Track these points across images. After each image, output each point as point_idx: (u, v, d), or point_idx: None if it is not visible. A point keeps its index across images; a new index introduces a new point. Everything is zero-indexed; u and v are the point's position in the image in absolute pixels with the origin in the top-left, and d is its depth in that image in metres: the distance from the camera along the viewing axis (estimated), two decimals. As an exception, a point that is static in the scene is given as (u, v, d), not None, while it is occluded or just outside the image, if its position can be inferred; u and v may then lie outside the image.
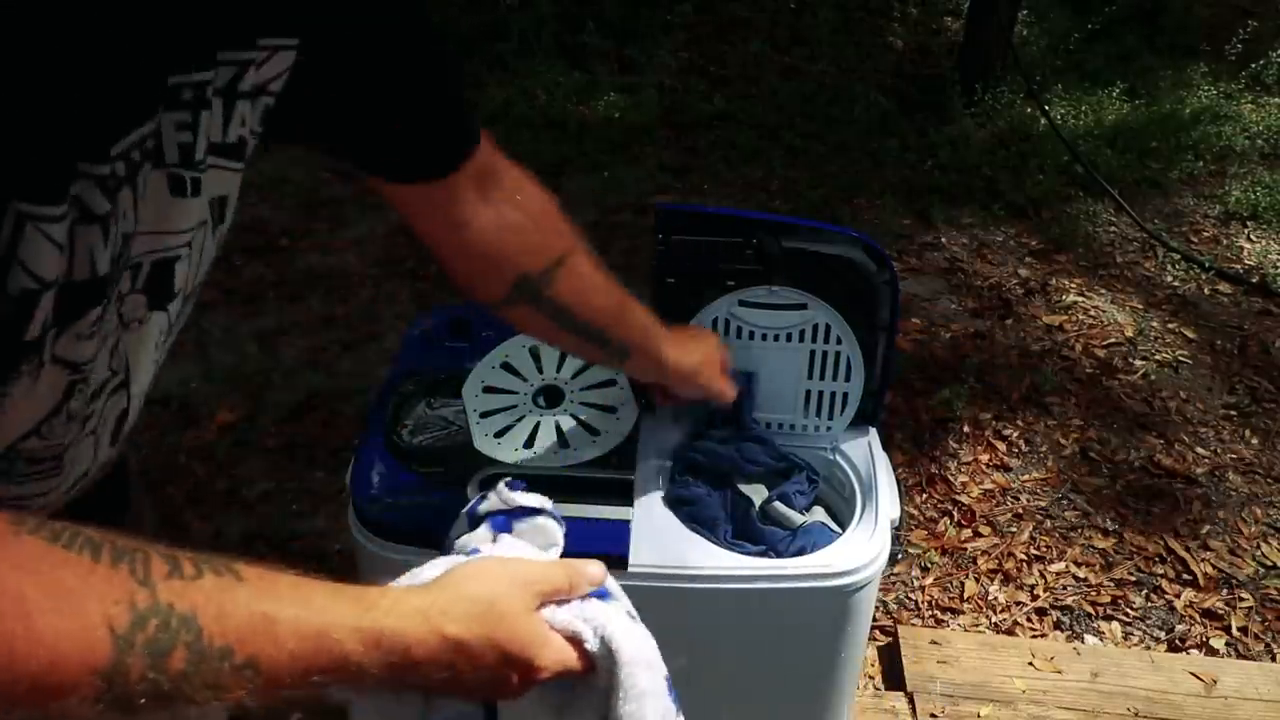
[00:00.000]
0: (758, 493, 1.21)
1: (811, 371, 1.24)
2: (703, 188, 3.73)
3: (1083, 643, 2.03)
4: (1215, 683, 1.87)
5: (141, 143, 0.53)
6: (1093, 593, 2.16)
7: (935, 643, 1.93)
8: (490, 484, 0.83)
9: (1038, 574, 2.20)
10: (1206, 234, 3.63)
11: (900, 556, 2.20)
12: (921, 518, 2.33)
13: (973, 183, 3.81)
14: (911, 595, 2.13)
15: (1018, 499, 2.39)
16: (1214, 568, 2.23)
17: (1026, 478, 2.46)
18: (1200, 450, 2.57)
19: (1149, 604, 2.14)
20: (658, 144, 4.03)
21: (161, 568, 0.50)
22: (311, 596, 0.55)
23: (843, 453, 1.27)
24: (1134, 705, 1.82)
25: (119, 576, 0.48)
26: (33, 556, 0.47)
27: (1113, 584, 2.18)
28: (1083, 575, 2.20)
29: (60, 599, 0.46)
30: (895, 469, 1.28)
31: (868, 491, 1.22)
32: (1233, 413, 2.71)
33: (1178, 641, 2.06)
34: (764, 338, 1.23)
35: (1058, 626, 2.08)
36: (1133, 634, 2.08)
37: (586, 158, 3.90)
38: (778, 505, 1.19)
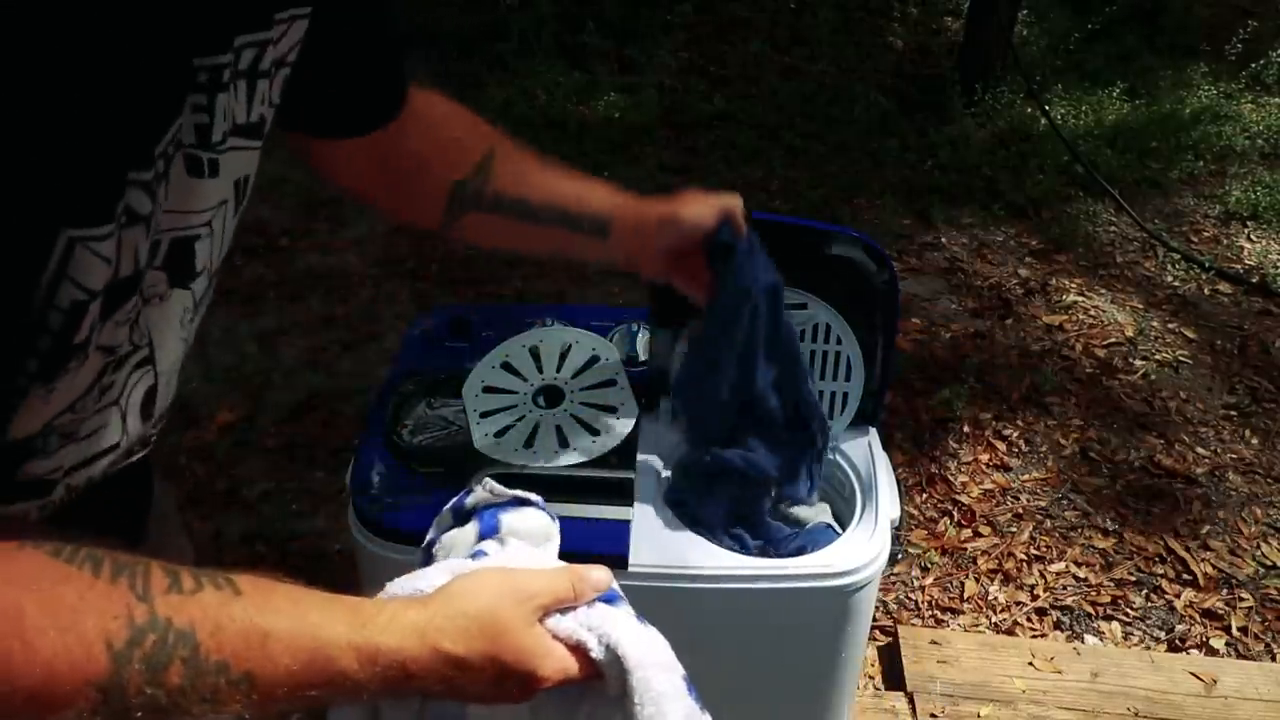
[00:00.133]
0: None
1: (812, 371, 1.24)
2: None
3: (1083, 643, 2.03)
4: (1215, 683, 1.87)
5: (175, 135, 0.54)
6: (1093, 593, 2.16)
7: (935, 643, 1.93)
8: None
9: (1038, 574, 2.20)
10: (1206, 234, 3.63)
11: (900, 556, 2.20)
12: (921, 518, 2.33)
13: (973, 183, 3.81)
14: (911, 595, 2.13)
15: (1018, 499, 2.39)
16: (1214, 568, 2.23)
17: (1026, 478, 2.46)
18: (1200, 450, 2.57)
19: (1149, 604, 2.14)
20: (658, 144, 4.03)
21: (161, 582, 0.51)
22: (308, 612, 0.55)
23: (843, 453, 1.27)
24: (1134, 705, 1.82)
25: (118, 591, 0.49)
26: (33, 572, 0.48)
27: (1113, 584, 2.18)
28: (1083, 575, 2.20)
29: (58, 615, 0.47)
30: (895, 469, 1.28)
31: (868, 491, 1.22)
32: (1233, 413, 2.71)
33: (1178, 641, 2.06)
34: (764, 338, 1.23)
35: (1058, 626, 2.08)
36: (1133, 634, 2.08)
37: (586, 158, 3.90)
38: (791, 510, 1.19)
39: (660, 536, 1.13)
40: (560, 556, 0.76)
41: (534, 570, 0.66)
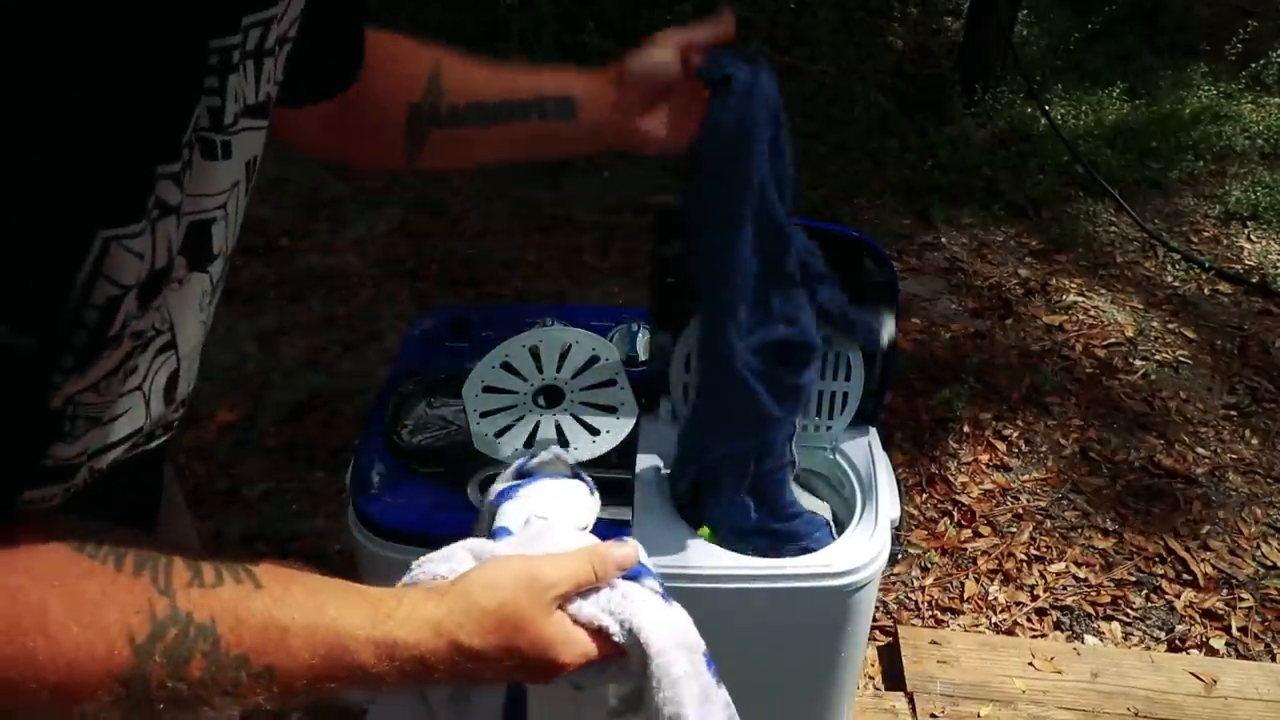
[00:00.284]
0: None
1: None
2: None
3: (1083, 643, 2.03)
4: (1215, 683, 1.87)
5: (196, 122, 0.54)
6: (1093, 593, 2.16)
7: (935, 643, 1.93)
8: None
9: (1038, 574, 2.20)
10: (1206, 234, 3.63)
11: (900, 556, 2.20)
12: (921, 518, 2.33)
13: (973, 183, 3.81)
14: (911, 595, 2.13)
15: (1018, 499, 2.39)
16: (1214, 568, 2.23)
17: (1026, 478, 2.46)
18: (1200, 450, 2.57)
19: (1149, 604, 2.14)
20: (658, 144, 4.02)
21: (183, 575, 0.51)
22: (326, 605, 0.55)
23: (843, 453, 1.27)
24: (1134, 705, 1.82)
25: (140, 585, 0.50)
26: (58, 567, 0.48)
27: (1113, 584, 2.18)
28: (1083, 575, 2.20)
29: (81, 609, 0.47)
30: (895, 469, 1.28)
31: (868, 491, 1.22)
32: (1233, 413, 2.71)
33: (1178, 641, 2.06)
34: (764, 338, 1.23)
35: (1058, 626, 2.08)
36: (1133, 634, 2.08)
37: (586, 158, 3.90)
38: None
39: (660, 537, 1.13)
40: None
41: (553, 556, 0.65)
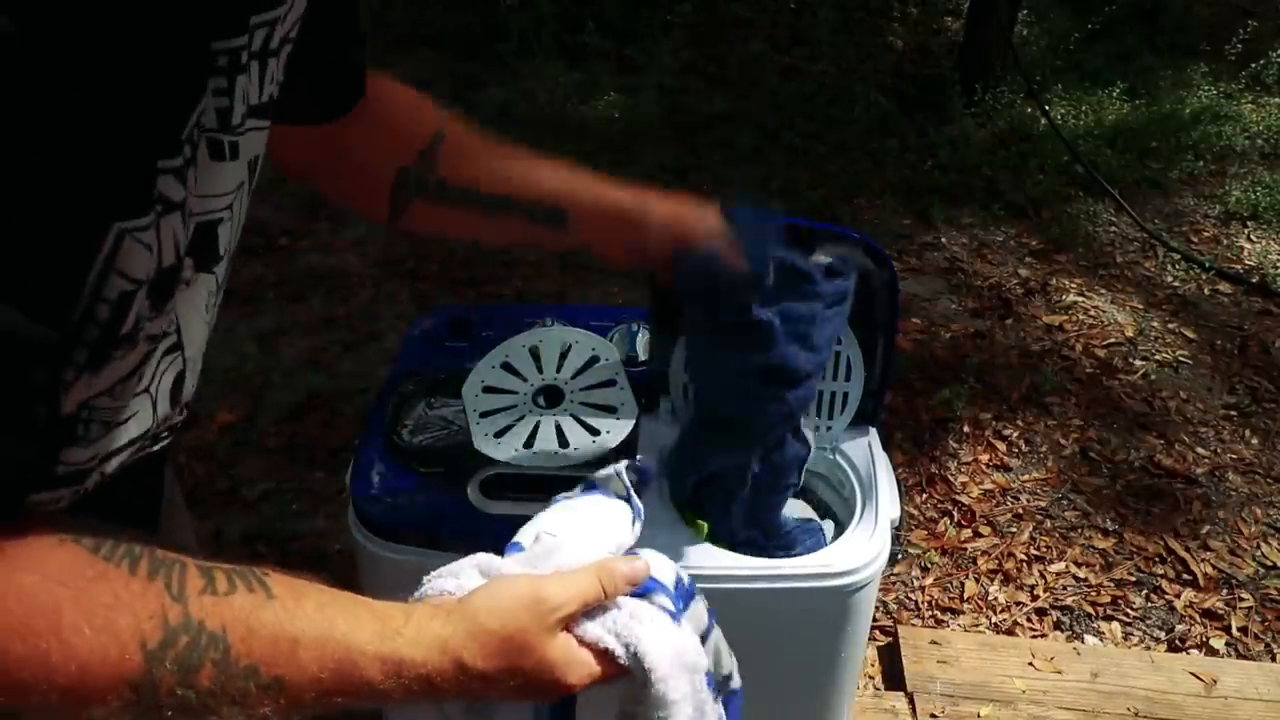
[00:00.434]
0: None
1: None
2: (703, 188, 3.73)
3: (1083, 643, 2.03)
4: (1215, 683, 1.87)
5: (199, 120, 0.54)
6: (1093, 593, 2.16)
7: (935, 643, 1.93)
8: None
9: (1038, 574, 2.20)
10: (1206, 234, 3.63)
11: (900, 556, 2.20)
12: (921, 518, 2.33)
13: (973, 183, 3.81)
14: (911, 595, 2.13)
15: (1018, 499, 2.39)
16: (1214, 568, 2.23)
17: (1026, 478, 2.46)
18: (1200, 450, 2.57)
19: (1149, 604, 2.14)
20: (658, 144, 4.03)
21: (197, 582, 0.51)
22: (336, 619, 0.55)
23: (843, 453, 1.27)
24: (1134, 705, 1.82)
25: (154, 590, 0.50)
26: (72, 569, 0.48)
27: (1113, 584, 2.18)
28: (1083, 575, 2.20)
29: (94, 613, 0.47)
30: (895, 469, 1.28)
31: (868, 491, 1.22)
32: (1233, 413, 2.71)
33: (1178, 641, 2.06)
34: (764, 338, 1.23)
35: (1058, 626, 2.08)
36: (1133, 634, 2.08)
37: (586, 158, 3.86)
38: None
39: (660, 537, 1.13)
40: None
41: (561, 575, 0.65)
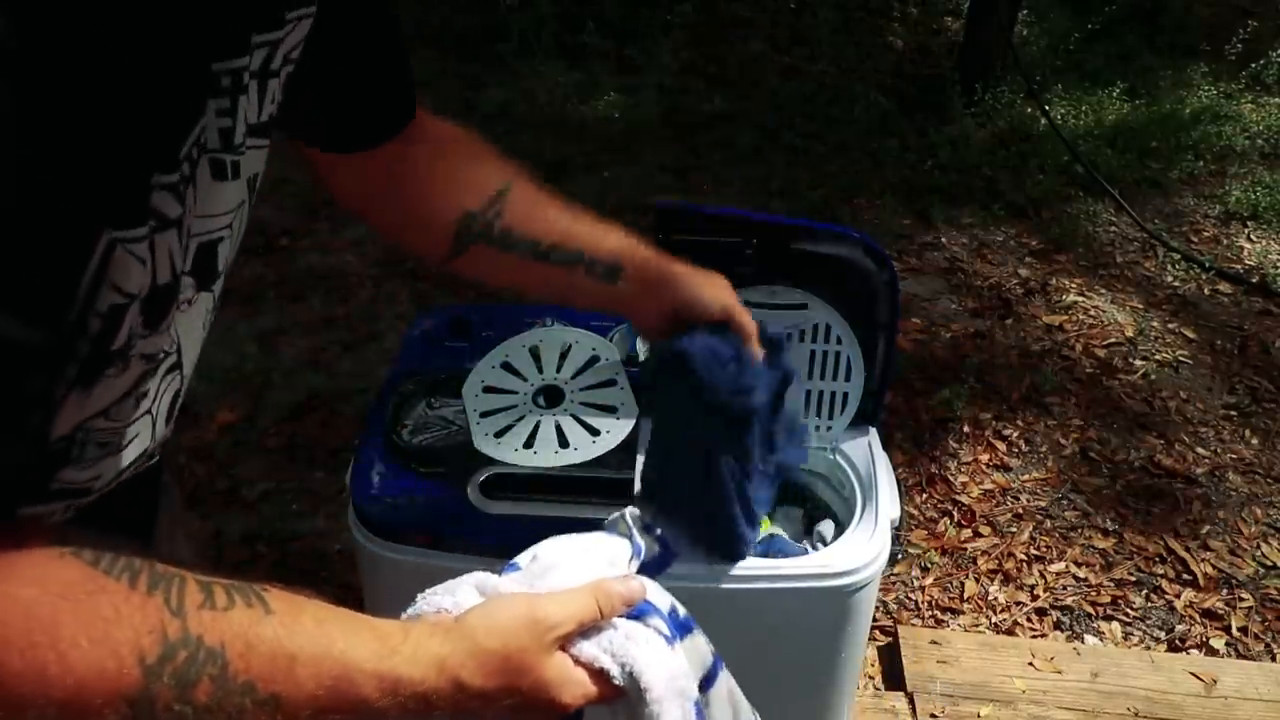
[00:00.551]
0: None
1: (812, 371, 1.24)
2: (703, 188, 3.73)
3: (1083, 643, 2.03)
4: (1215, 683, 1.87)
5: (198, 139, 0.54)
6: (1093, 593, 2.16)
7: (935, 643, 1.93)
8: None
9: (1038, 574, 2.20)
10: (1206, 234, 3.63)
11: (900, 556, 2.20)
12: (921, 518, 2.33)
13: (973, 183, 3.81)
14: (911, 595, 2.13)
15: (1018, 499, 2.39)
16: (1214, 568, 2.23)
17: (1026, 478, 2.46)
18: (1200, 450, 2.57)
19: (1149, 604, 2.14)
20: (658, 144, 4.03)
21: (196, 596, 0.51)
22: (334, 637, 0.55)
23: (843, 453, 1.27)
24: (1134, 705, 1.82)
25: (153, 605, 0.50)
26: (72, 583, 0.48)
27: (1113, 584, 2.18)
28: (1083, 575, 2.20)
29: (93, 627, 0.47)
30: (895, 469, 1.28)
31: (868, 491, 1.22)
32: (1233, 413, 2.71)
33: (1178, 641, 2.06)
34: (764, 338, 1.23)
35: (1058, 626, 2.08)
36: (1133, 634, 2.08)
37: (586, 158, 3.90)
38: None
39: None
40: None
41: (557, 595, 0.65)
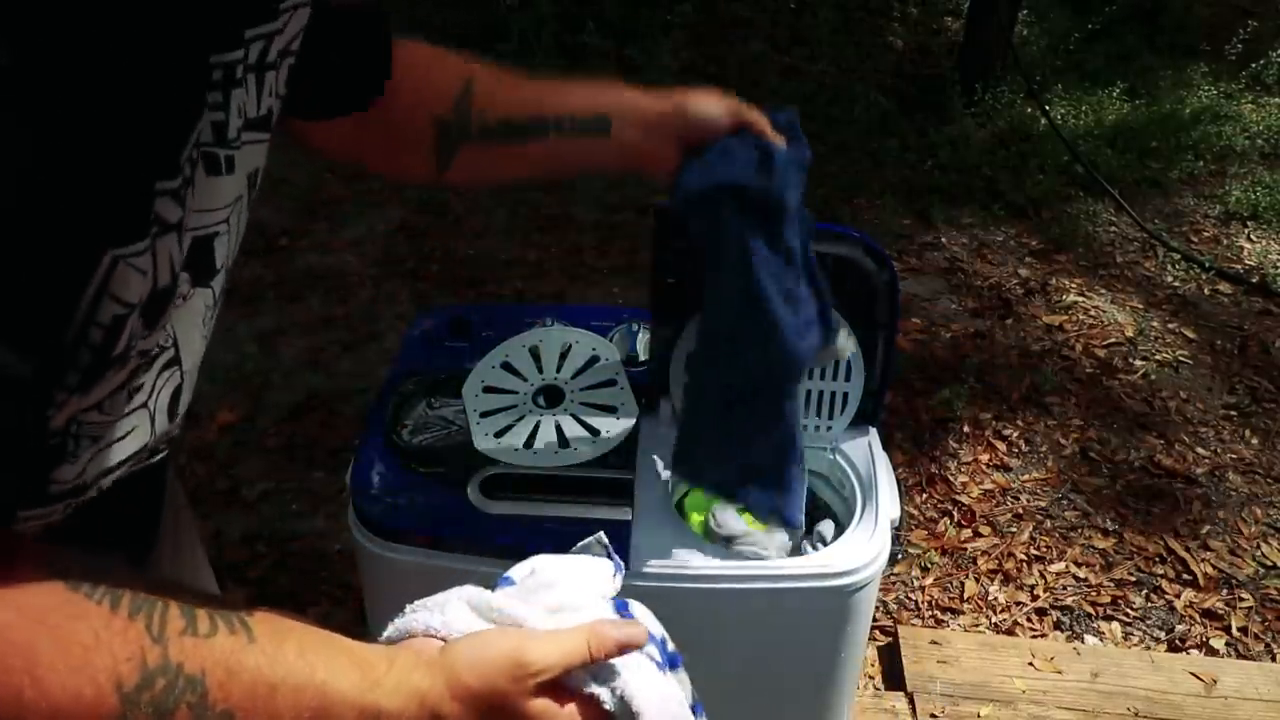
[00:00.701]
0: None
1: (811, 372, 1.24)
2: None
3: (1083, 643, 2.03)
4: (1215, 683, 1.87)
5: (198, 139, 0.54)
6: (1093, 593, 2.16)
7: (935, 643, 1.93)
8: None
9: (1038, 574, 2.20)
10: (1206, 234, 3.63)
11: (900, 556, 2.20)
12: (921, 518, 2.33)
13: (973, 183, 3.81)
14: (911, 595, 2.13)
15: (1018, 499, 2.39)
16: (1214, 568, 2.23)
17: (1026, 478, 2.46)
18: (1200, 450, 2.57)
19: (1149, 604, 2.14)
20: (658, 144, 4.03)
21: (178, 623, 0.51)
22: (316, 667, 0.55)
23: (843, 453, 1.27)
24: (1134, 705, 1.82)
25: (134, 631, 0.49)
26: (50, 605, 0.48)
27: (1113, 584, 2.18)
28: (1083, 575, 2.20)
29: (70, 653, 0.47)
30: (895, 469, 1.28)
31: (868, 491, 1.22)
32: (1233, 413, 2.71)
33: (1178, 641, 2.06)
34: (764, 338, 1.23)
35: (1058, 626, 2.08)
36: (1133, 634, 2.08)
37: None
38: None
39: (661, 537, 1.13)
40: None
41: (548, 636, 0.63)
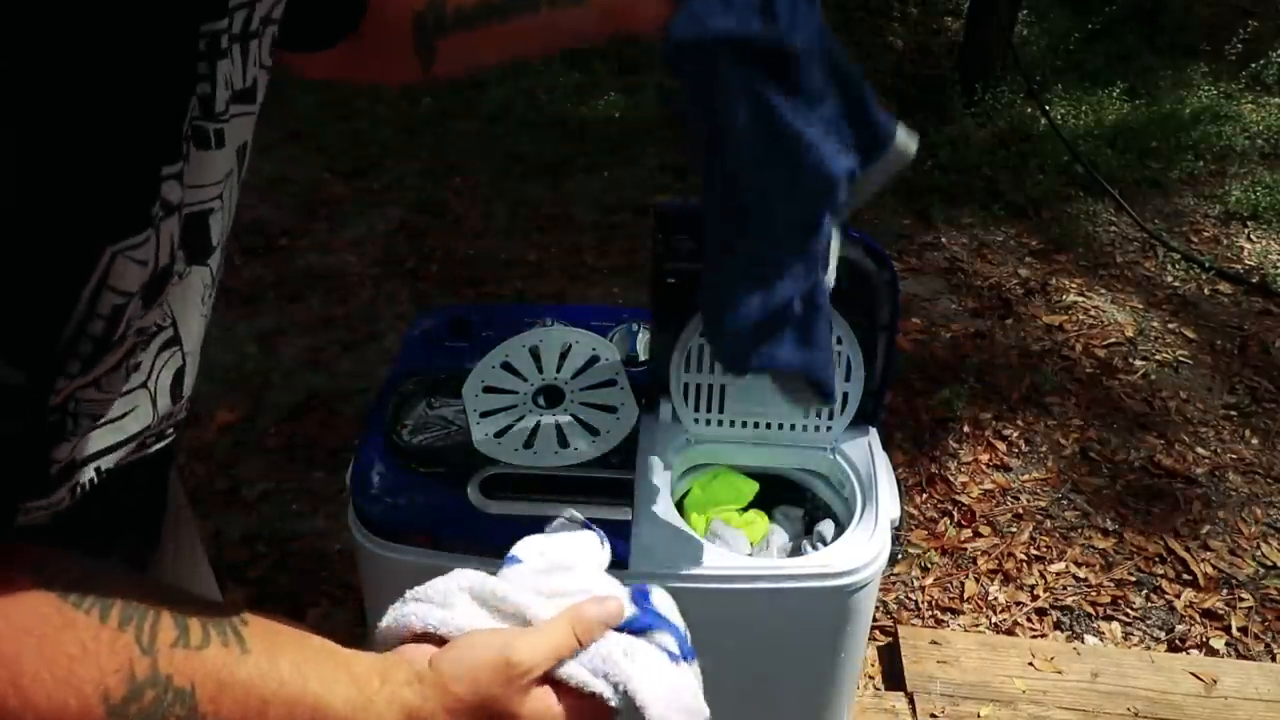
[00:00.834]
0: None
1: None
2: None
3: (1083, 643, 2.03)
4: (1215, 683, 1.87)
5: (191, 114, 0.53)
6: (1093, 593, 2.16)
7: (935, 643, 1.93)
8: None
9: (1038, 574, 2.20)
10: (1206, 234, 3.63)
11: (900, 556, 2.20)
12: (921, 518, 2.33)
13: (973, 183, 3.81)
14: (911, 595, 2.13)
15: (1018, 499, 2.39)
16: (1214, 568, 2.23)
17: (1026, 478, 2.46)
18: (1200, 450, 2.57)
19: (1149, 604, 2.14)
20: (658, 144, 4.03)
21: (169, 633, 0.50)
22: (309, 680, 0.54)
23: (843, 453, 1.27)
24: (1134, 705, 1.82)
25: (122, 642, 0.48)
26: (39, 616, 0.47)
27: (1113, 584, 2.18)
28: (1083, 575, 2.20)
29: (56, 664, 0.46)
30: (895, 469, 1.28)
31: (868, 491, 1.22)
32: (1233, 413, 2.71)
33: (1178, 641, 2.06)
34: (764, 338, 1.23)
35: (1058, 626, 2.08)
36: (1133, 634, 2.08)
37: (586, 158, 3.90)
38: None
39: (661, 537, 1.13)
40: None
41: (532, 633, 0.61)
